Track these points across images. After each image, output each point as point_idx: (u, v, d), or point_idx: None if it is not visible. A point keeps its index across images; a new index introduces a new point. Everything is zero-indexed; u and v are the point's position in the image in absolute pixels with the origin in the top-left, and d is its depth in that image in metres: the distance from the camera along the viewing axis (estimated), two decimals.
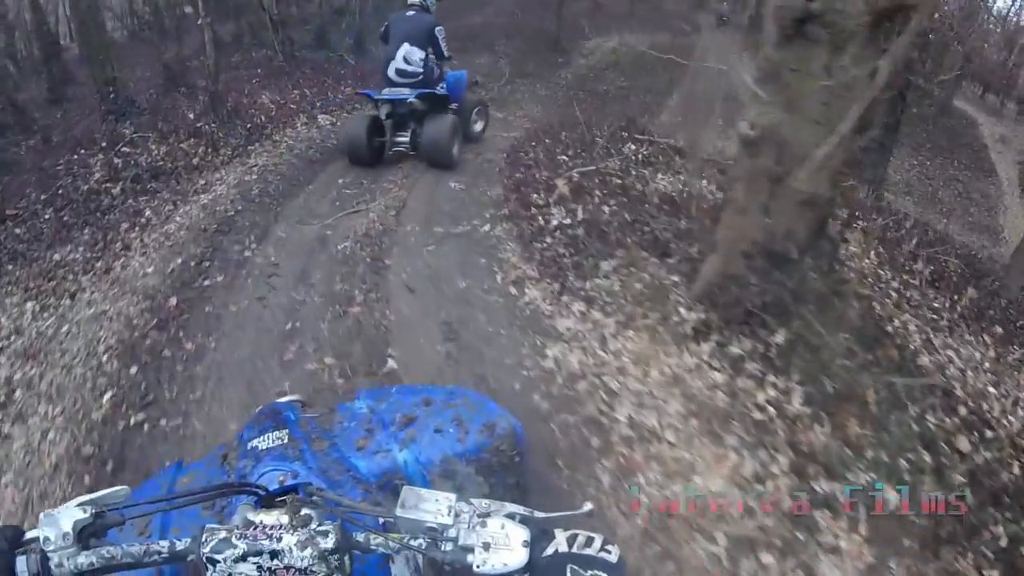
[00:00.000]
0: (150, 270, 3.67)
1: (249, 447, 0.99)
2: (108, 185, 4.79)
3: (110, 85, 6.69)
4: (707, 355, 2.75)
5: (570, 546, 0.64)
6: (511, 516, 0.69)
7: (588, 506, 0.80)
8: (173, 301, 3.27)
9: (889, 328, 3.33)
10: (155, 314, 3.19)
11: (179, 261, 3.73)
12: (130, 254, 3.92)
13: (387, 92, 4.58)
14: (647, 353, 2.76)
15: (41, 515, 0.68)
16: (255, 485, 0.76)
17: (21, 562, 0.67)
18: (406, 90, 4.54)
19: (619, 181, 4.48)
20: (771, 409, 2.52)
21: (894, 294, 3.95)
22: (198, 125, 6.04)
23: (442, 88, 4.77)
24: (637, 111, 12.16)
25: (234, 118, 6.35)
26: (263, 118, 6.62)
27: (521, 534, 0.64)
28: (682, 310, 2.98)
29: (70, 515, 0.68)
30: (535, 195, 4.16)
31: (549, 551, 0.63)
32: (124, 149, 5.33)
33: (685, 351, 2.77)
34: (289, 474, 0.91)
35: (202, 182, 5.00)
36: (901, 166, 12.64)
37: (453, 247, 3.71)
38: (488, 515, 0.67)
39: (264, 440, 0.99)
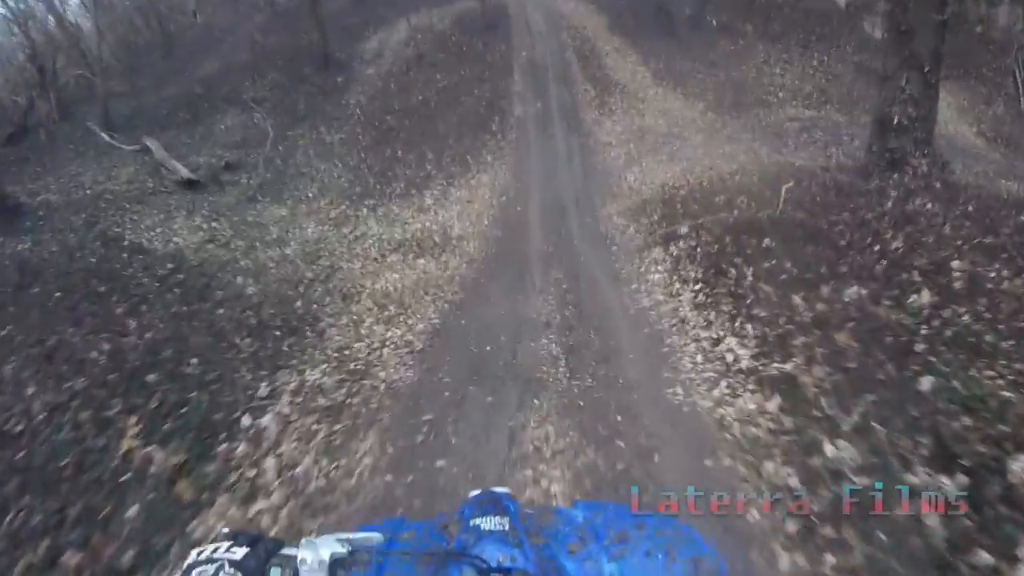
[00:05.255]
0: None
1: (471, 524, 1.12)
2: None
3: None
4: None
5: None
6: None
7: None
8: None
9: None
10: None
11: None
12: None
13: None
14: None
15: (303, 540, 0.84)
16: (480, 558, 0.96)
17: (276, 572, 0.82)
18: None
19: None
20: None
21: None
22: None
23: None
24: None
25: None
26: None
27: None
28: None
29: (329, 546, 0.85)
30: None
31: None
32: None
33: None
34: (508, 557, 1.01)
35: None
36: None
37: None
38: None
39: (486, 522, 1.11)
